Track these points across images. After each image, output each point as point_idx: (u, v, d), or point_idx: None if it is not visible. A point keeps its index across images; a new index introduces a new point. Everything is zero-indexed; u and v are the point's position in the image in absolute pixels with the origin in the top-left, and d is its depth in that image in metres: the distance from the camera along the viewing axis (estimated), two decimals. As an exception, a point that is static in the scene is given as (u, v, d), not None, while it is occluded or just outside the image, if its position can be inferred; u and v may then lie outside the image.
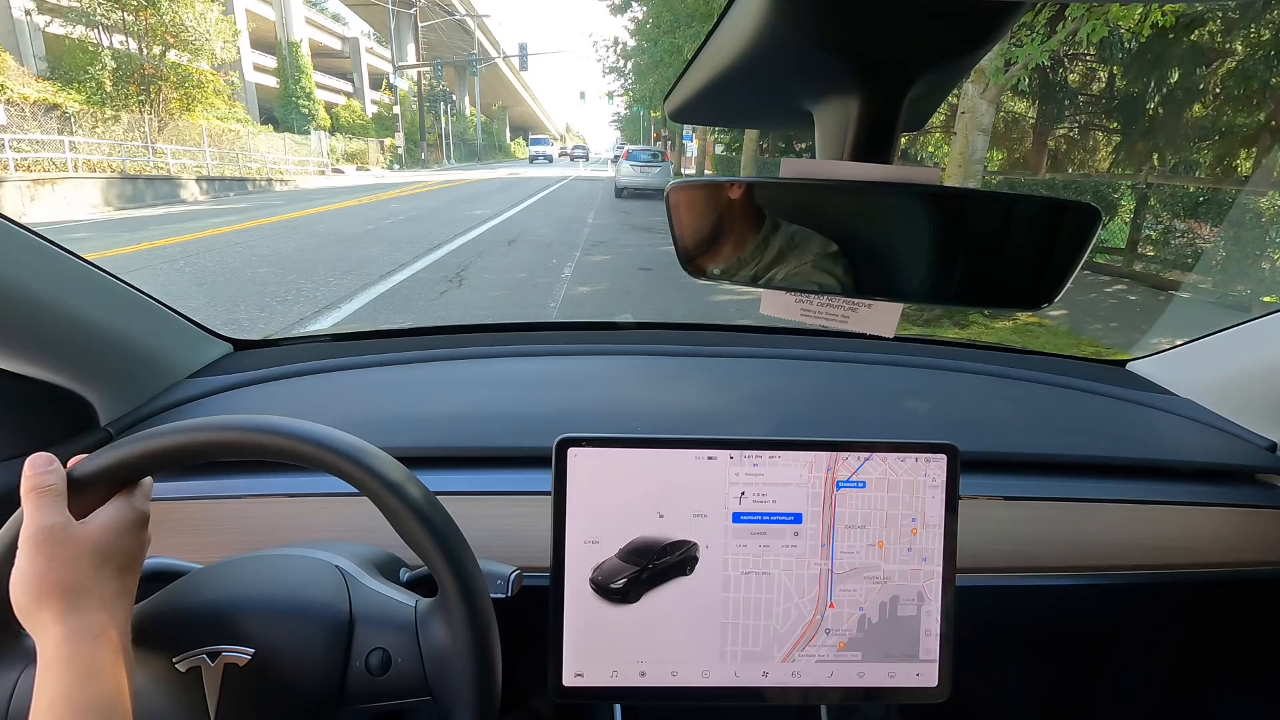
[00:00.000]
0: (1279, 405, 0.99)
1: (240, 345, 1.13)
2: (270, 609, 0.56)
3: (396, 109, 33.48)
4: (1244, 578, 0.92)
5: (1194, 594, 0.94)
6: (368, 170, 30.63)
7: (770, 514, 0.70)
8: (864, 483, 0.70)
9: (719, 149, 25.06)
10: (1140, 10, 5.16)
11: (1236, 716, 1.07)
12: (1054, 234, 0.41)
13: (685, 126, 24.36)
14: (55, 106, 14.16)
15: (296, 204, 14.20)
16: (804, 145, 15.49)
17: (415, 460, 0.70)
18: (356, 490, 0.53)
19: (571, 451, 0.68)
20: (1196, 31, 8.35)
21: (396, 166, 33.67)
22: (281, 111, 32.49)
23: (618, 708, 0.91)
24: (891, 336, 0.50)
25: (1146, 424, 1.06)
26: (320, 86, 36.25)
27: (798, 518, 0.70)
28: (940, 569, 0.71)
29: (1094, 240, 0.40)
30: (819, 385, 1.16)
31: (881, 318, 0.50)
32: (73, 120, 14.46)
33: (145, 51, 16.55)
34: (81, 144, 14.49)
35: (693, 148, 28.65)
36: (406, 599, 0.59)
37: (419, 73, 35.89)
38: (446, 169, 37.47)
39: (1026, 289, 0.41)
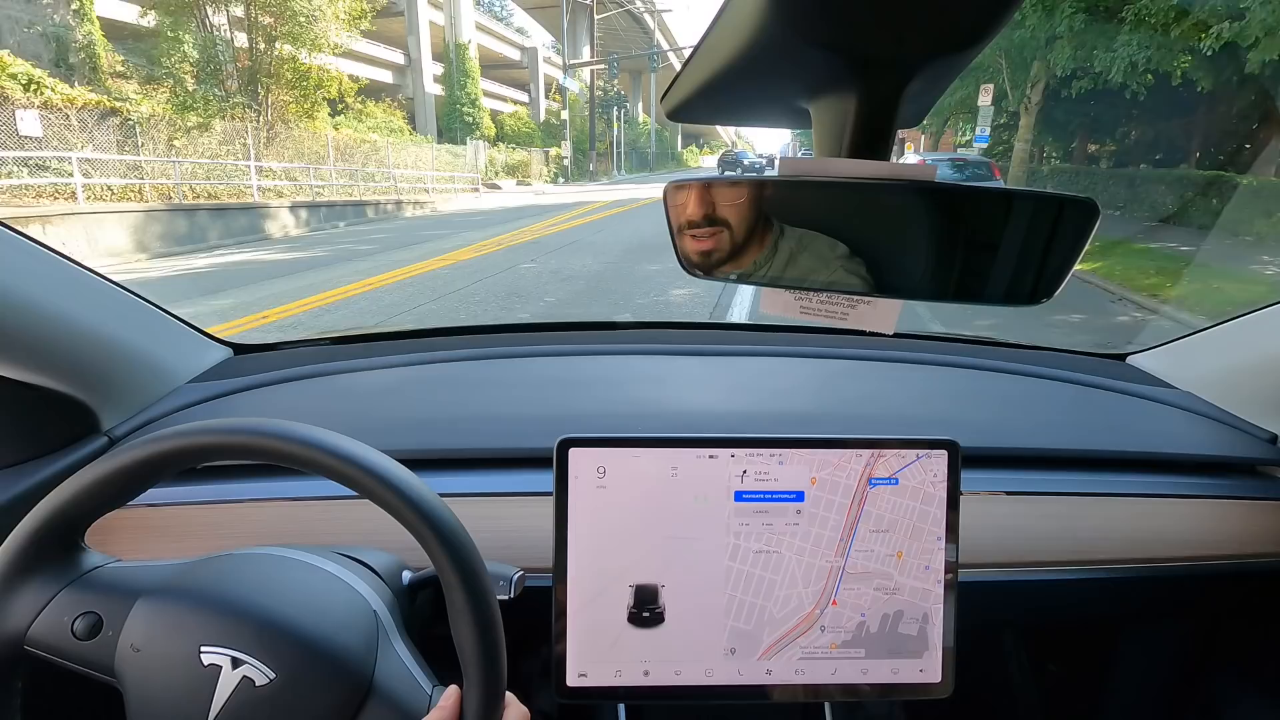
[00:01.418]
0: (1279, 397, 0.99)
1: (240, 349, 1.12)
2: (304, 640, 0.53)
3: (565, 114, 29.29)
4: (1246, 570, 0.91)
5: (1196, 587, 0.94)
6: (528, 185, 26.53)
7: (772, 492, 0.69)
8: (896, 480, 0.70)
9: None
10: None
11: (1241, 709, 1.06)
12: (1053, 229, 0.40)
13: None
14: (113, 112, 10.42)
15: (407, 245, 9.55)
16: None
17: (417, 462, 0.68)
18: (356, 492, 0.53)
19: (573, 452, 0.68)
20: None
21: (561, 180, 29.44)
22: (446, 120, 29.58)
23: (621, 707, 0.90)
24: (891, 333, 0.50)
25: (1147, 417, 1.06)
26: (496, 96, 33.09)
27: (799, 495, 0.69)
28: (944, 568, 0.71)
29: (1092, 235, 0.40)
30: (819, 383, 1.15)
31: (881, 315, 0.50)
32: (138, 129, 10.69)
33: (253, 41, 12.68)
34: (147, 164, 10.72)
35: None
36: (425, 682, 0.55)
37: (592, 73, 31.52)
38: (617, 181, 32.82)
39: (1025, 284, 0.41)
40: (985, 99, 12.69)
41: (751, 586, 0.69)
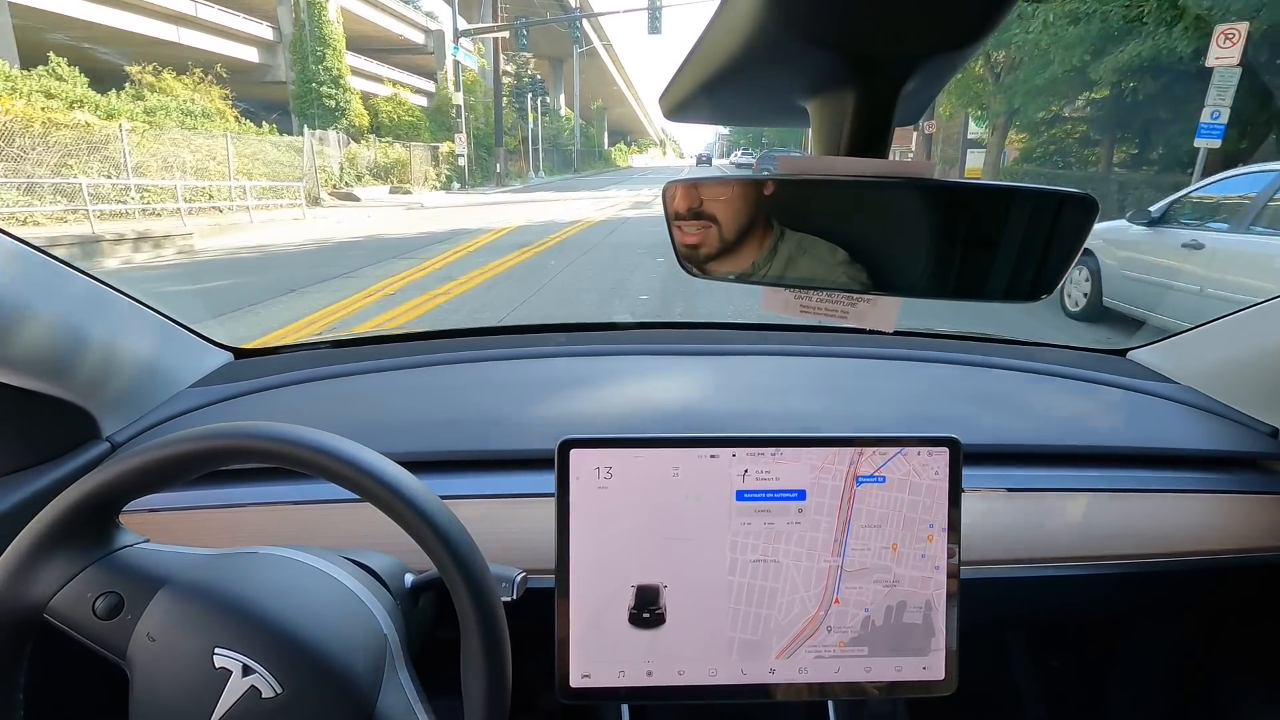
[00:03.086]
0: None
1: (240, 353, 1.11)
2: (315, 658, 0.53)
3: (459, 97, 21.94)
4: (1249, 564, 0.90)
5: (1199, 582, 0.93)
6: (407, 193, 19.26)
7: (774, 491, 0.69)
8: (884, 478, 0.70)
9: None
10: None
11: (1244, 703, 1.06)
12: (1052, 225, 0.41)
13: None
14: None
15: None
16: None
17: (418, 465, 0.68)
18: (359, 496, 0.53)
19: (574, 453, 0.68)
20: None
21: (456, 185, 22.17)
22: (299, 104, 22.03)
23: (625, 708, 0.87)
24: (891, 331, 0.50)
25: (1148, 412, 1.05)
26: (375, 78, 25.32)
27: (801, 494, 0.69)
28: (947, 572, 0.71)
29: (1090, 231, 0.41)
30: (821, 381, 1.13)
31: (881, 312, 0.50)
32: None
33: None
34: None
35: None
36: (424, 718, 0.55)
37: (494, 44, 24.13)
38: (532, 185, 25.75)
39: (1024, 281, 0.41)
40: (1227, 53, 6.40)
41: (754, 598, 0.69)
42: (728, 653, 0.69)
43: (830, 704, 0.86)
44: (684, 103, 0.53)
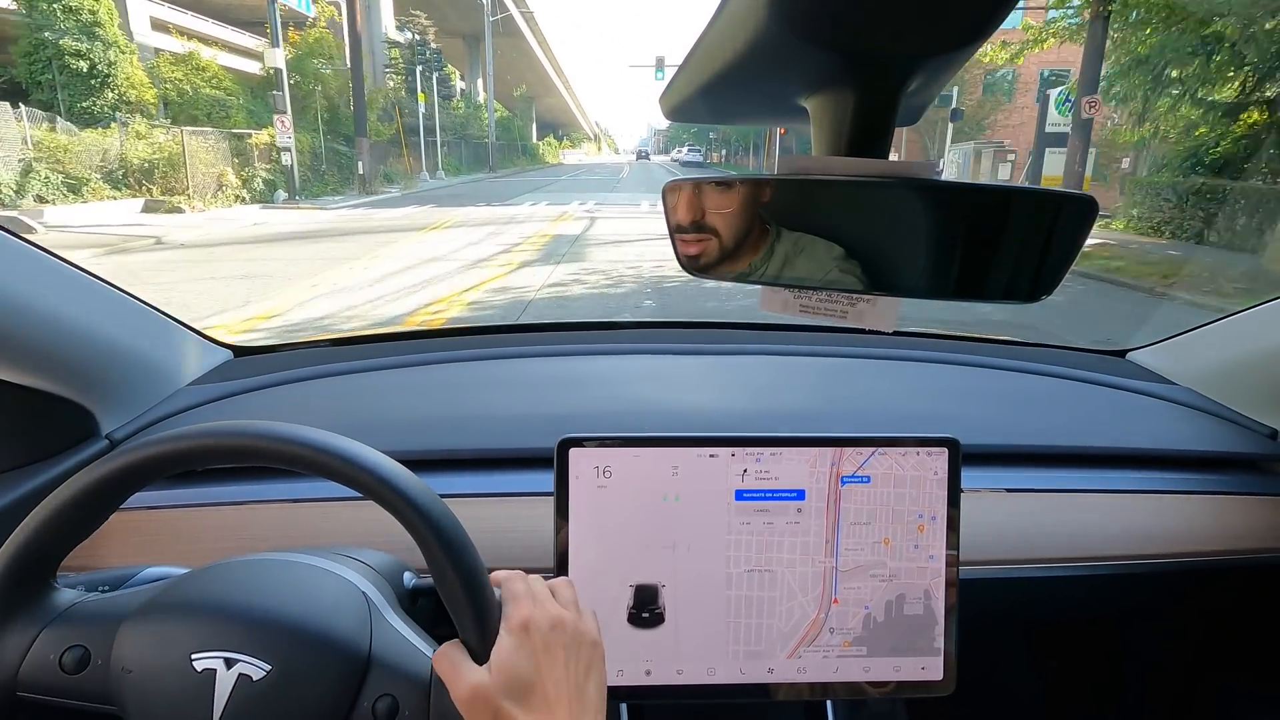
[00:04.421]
0: (1279, 392, 0.98)
1: (240, 352, 1.11)
2: (294, 628, 0.54)
3: (277, 57, 14.06)
4: (1247, 565, 0.91)
5: (1198, 583, 0.94)
6: (177, 210, 11.62)
7: (773, 491, 0.69)
8: (869, 478, 0.70)
9: None
10: None
11: (1242, 704, 1.06)
12: (1051, 226, 0.41)
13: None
14: None
15: None
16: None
17: (418, 463, 0.69)
18: (357, 495, 0.53)
19: (573, 452, 0.68)
20: None
21: (283, 194, 14.50)
22: (27, 65, 14.17)
23: (623, 707, 0.87)
24: (891, 331, 0.50)
25: (1148, 413, 1.05)
26: (178, 33, 17.12)
27: (800, 494, 0.69)
28: (944, 563, 0.71)
29: (1090, 232, 0.41)
30: (820, 381, 1.14)
31: (881, 313, 0.50)
32: None
33: None
34: None
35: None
36: (425, 646, 0.56)
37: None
38: (418, 193, 18.20)
39: (1024, 281, 0.42)
40: None
41: (753, 609, 0.69)
42: (727, 653, 0.69)
43: (829, 703, 0.86)
44: (684, 103, 0.52)
